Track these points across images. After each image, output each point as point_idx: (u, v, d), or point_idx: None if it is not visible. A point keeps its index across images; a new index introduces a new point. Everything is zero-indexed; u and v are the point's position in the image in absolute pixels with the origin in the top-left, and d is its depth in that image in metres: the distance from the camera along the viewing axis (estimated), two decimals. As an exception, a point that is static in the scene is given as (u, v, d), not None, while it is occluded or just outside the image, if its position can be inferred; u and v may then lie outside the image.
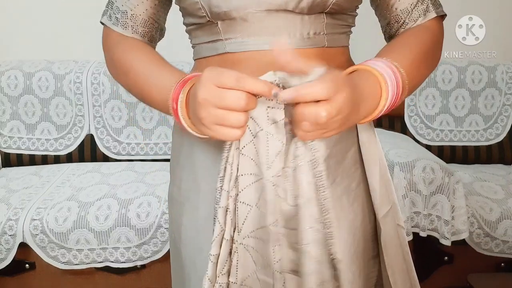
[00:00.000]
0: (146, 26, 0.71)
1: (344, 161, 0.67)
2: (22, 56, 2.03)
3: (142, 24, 0.71)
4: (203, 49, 0.68)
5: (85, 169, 1.83)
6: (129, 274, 1.55)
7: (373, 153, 0.69)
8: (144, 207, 1.52)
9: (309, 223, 0.58)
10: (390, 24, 0.72)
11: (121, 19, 0.70)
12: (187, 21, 0.70)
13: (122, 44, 0.70)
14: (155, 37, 0.74)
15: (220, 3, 0.61)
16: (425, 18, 0.69)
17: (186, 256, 0.71)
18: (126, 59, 0.68)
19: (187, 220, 0.71)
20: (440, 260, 1.60)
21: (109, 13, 0.71)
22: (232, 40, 0.64)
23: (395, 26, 0.71)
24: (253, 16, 0.62)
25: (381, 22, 0.75)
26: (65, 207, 1.52)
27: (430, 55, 0.69)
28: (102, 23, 0.73)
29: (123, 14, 0.70)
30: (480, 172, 1.83)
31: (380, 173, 0.69)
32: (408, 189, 1.47)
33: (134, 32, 0.71)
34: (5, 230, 1.47)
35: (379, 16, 0.74)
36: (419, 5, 0.69)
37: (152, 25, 0.72)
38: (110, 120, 1.93)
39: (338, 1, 0.62)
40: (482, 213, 1.56)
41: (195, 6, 0.63)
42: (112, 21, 0.71)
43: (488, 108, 1.98)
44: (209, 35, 0.66)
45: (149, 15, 0.71)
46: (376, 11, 0.74)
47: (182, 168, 0.72)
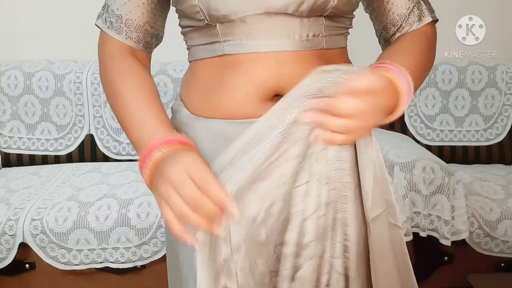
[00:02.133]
0: (141, 31, 0.70)
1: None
2: (22, 56, 2.03)
3: (136, 30, 0.69)
4: (200, 51, 0.68)
5: (85, 169, 1.83)
6: (129, 274, 1.55)
7: (369, 157, 0.68)
8: (144, 207, 1.52)
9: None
10: (386, 28, 0.73)
11: (115, 23, 0.69)
12: (183, 23, 0.69)
13: (117, 63, 0.69)
14: (150, 43, 0.72)
15: (219, 6, 0.61)
16: (420, 23, 0.71)
17: (183, 260, 0.71)
18: (118, 83, 0.67)
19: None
20: (440, 260, 1.60)
21: (104, 16, 0.70)
22: (230, 42, 0.64)
23: (392, 30, 0.73)
24: (252, 19, 0.62)
25: (376, 26, 0.76)
26: (65, 207, 1.52)
27: (428, 59, 0.71)
28: (97, 25, 0.72)
29: (118, 18, 0.69)
30: (480, 172, 1.83)
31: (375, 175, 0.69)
32: (408, 189, 1.47)
33: (128, 37, 0.69)
34: (5, 230, 1.47)
35: (375, 20, 0.76)
36: (415, 10, 0.71)
37: (147, 31, 0.70)
38: (110, 120, 1.93)
39: (337, 5, 0.63)
40: (482, 213, 1.56)
41: (194, 9, 0.63)
42: (107, 24, 0.70)
43: (488, 108, 1.98)
44: (206, 37, 0.66)
45: (144, 20, 0.69)
46: (372, 15, 0.76)
47: None
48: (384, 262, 0.70)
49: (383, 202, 0.70)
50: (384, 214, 0.70)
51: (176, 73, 1.89)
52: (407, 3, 0.71)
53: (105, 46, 0.71)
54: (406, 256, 0.74)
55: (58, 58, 2.00)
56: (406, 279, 0.74)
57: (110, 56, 0.70)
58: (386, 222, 0.71)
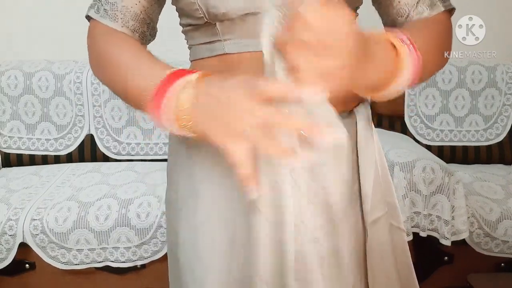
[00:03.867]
0: (138, 20, 0.65)
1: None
2: (22, 56, 2.03)
3: (133, 18, 0.64)
4: (200, 50, 0.66)
5: (85, 169, 1.83)
6: (129, 274, 1.55)
7: (370, 158, 0.67)
8: (144, 207, 1.52)
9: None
10: (394, 20, 0.68)
11: (110, 11, 0.64)
12: (184, 22, 0.67)
13: (105, 36, 0.63)
14: (146, 34, 0.68)
15: (218, 4, 0.60)
16: (432, 12, 0.65)
17: (184, 263, 0.68)
18: (108, 50, 0.62)
19: (185, 227, 0.68)
20: (440, 260, 1.60)
21: (97, 6, 0.65)
22: (231, 41, 0.63)
23: (399, 21, 0.68)
24: (252, 17, 0.61)
25: (384, 20, 0.71)
26: (65, 207, 1.52)
27: (443, 43, 0.65)
28: (88, 17, 0.66)
29: (112, 5, 0.64)
30: (480, 172, 1.83)
31: (377, 176, 0.68)
32: (408, 189, 1.47)
33: (124, 25, 0.64)
34: (5, 230, 1.47)
35: (383, 13, 0.71)
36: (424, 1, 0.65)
37: (144, 20, 0.66)
38: (110, 120, 1.93)
39: None
40: (482, 213, 1.56)
41: (192, 6, 0.61)
42: (100, 13, 0.64)
43: (488, 108, 1.98)
44: (207, 36, 0.64)
45: (141, 9, 0.65)
46: (379, 9, 0.72)
47: (180, 172, 0.69)
48: (383, 265, 0.69)
49: (384, 204, 0.69)
50: (384, 217, 0.69)
51: (176, 73, 1.89)
52: None
53: (95, 30, 0.66)
54: (408, 259, 0.73)
55: (58, 58, 2.00)
56: (407, 282, 0.74)
57: (98, 34, 0.65)
58: (387, 225, 0.70)
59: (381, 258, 0.69)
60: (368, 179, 0.66)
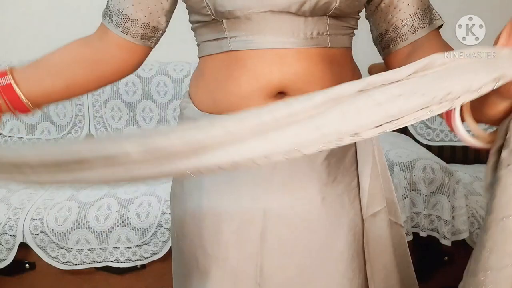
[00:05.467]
0: (148, 16, 0.69)
1: (345, 159, 0.68)
2: (22, 56, 2.03)
3: (143, 11, 0.69)
4: (208, 47, 0.68)
5: (85, 169, 1.82)
6: (129, 274, 1.55)
7: (368, 153, 0.69)
8: (144, 207, 1.52)
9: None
10: (396, 29, 0.67)
11: (119, 20, 0.70)
12: (192, 19, 0.69)
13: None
14: (158, 27, 0.71)
15: (225, 2, 0.62)
16: (433, 26, 0.67)
17: (188, 254, 0.71)
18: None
19: (190, 218, 0.70)
20: (440, 260, 1.60)
21: (108, 14, 0.71)
22: (236, 38, 0.64)
23: (403, 31, 0.67)
24: (257, 16, 0.62)
25: (380, 29, 0.70)
26: (65, 207, 1.52)
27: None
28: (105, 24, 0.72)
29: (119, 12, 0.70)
30: (480, 172, 1.83)
31: (375, 171, 0.69)
32: (408, 189, 1.47)
33: (134, 24, 0.69)
34: (5, 230, 1.47)
35: (379, 21, 0.69)
36: (426, 12, 0.67)
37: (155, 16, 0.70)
38: (110, 120, 1.93)
39: (340, 6, 0.62)
40: (482, 213, 1.56)
41: (200, 4, 0.63)
42: (107, 19, 0.71)
43: (488, 108, 1.98)
44: (214, 33, 0.66)
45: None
46: (375, 15, 0.70)
47: None
48: (382, 257, 0.71)
49: (382, 199, 0.71)
50: (383, 211, 0.71)
51: (176, 73, 1.89)
52: (419, 3, 0.66)
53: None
54: (407, 253, 0.75)
55: (58, 58, 2.00)
56: (406, 276, 0.75)
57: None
58: (386, 220, 0.71)
59: (380, 250, 0.70)
60: (365, 174, 0.68)
